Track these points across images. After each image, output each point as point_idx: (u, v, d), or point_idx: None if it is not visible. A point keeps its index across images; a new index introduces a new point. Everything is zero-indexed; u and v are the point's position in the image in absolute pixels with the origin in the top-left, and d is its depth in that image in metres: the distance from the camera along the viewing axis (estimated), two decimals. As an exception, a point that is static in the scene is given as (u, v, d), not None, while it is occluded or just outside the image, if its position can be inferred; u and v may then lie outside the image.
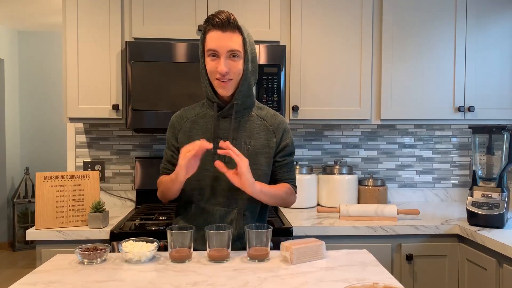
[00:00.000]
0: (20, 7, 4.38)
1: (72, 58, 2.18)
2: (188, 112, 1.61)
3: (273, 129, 1.57)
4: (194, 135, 1.55)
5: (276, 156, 1.58)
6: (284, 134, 1.58)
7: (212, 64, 1.45)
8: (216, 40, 1.42)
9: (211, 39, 1.43)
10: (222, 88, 1.47)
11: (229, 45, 1.42)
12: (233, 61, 1.45)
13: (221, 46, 1.42)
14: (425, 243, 2.03)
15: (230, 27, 1.43)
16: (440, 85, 2.35)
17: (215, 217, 1.52)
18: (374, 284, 1.04)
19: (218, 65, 1.44)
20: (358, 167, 2.68)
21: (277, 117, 1.59)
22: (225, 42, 1.42)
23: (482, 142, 2.03)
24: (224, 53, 1.43)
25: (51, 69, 5.46)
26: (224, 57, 1.43)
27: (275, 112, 1.61)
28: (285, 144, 1.59)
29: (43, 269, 1.30)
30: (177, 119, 1.61)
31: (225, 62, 1.43)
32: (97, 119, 2.22)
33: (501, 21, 2.37)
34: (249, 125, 1.55)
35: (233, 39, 1.43)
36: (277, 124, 1.58)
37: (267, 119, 1.57)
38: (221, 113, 1.52)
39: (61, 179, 1.96)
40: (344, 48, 2.31)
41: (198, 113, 1.59)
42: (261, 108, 1.60)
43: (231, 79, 1.46)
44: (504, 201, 1.92)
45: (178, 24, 2.20)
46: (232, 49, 1.43)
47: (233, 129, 1.52)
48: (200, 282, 1.18)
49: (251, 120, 1.56)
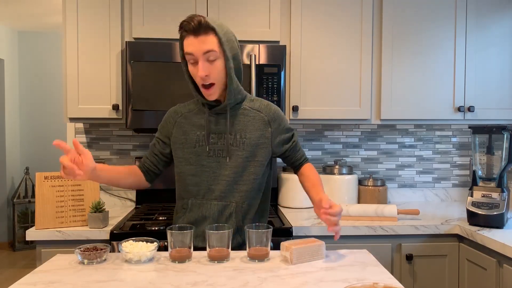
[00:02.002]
0: (20, 7, 4.38)
1: (72, 58, 2.18)
2: (183, 108, 1.63)
3: (268, 119, 1.58)
4: (189, 131, 1.57)
5: (284, 146, 1.61)
6: (280, 122, 1.60)
7: (193, 70, 1.48)
8: (191, 44, 1.44)
9: (187, 44, 1.45)
10: (207, 96, 1.50)
11: (203, 47, 1.43)
12: (211, 63, 1.45)
13: (196, 50, 1.43)
14: (425, 243, 2.03)
15: (203, 30, 1.43)
16: (440, 85, 2.35)
17: (213, 211, 1.53)
18: (374, 284, 1.04)
19: (197, 70, 1.45)
20: (358, 167, 2.68)
21: (271, 107, 1.61)
22: (199, 45, 1.43)
23: (482, 142, 2.03)
24: (201, 56, 1.44)
25: (51, 69, 5.46)
26: (202, 60, 1.44)
27: (268, 102, 1.62)
28: (286, 130, 1.62)
29: (43, 269, 1.30)
30: (172, 114, 1.63)
31: (203, 65, 1.44)
32: (97, 119, 2.22)
33: (501, 21, 2.37)
34: (242, 118, 1.56)
35: (207, 41, 1.43)
36: (272, 113, 1.59)
37: (261, 110, 1.59)
38: (214, 110, 1.54)
39: (61, 179, 1.96)
40: (344, 48, 2.31)
41: (193, 109, 1.61)
42: (253, 100, 1.61)
43: (213, 83, 1.47)
44: (504, 201, 1.92)
45: (178, 24, 2.18)
46: (207, 50, 1.43)
47: (229, 126, 1.54)
48: (200, 282, 1.18)
49: (244, 113, 1.57)
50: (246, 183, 1.55)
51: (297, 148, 1.66)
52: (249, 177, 1.55)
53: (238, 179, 1.54)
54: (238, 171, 1.53)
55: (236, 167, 1.53)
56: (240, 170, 1.53)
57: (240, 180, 1.54)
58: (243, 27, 2.23)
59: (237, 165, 1.53)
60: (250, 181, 1.55)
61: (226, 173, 1.53)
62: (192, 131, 1.57)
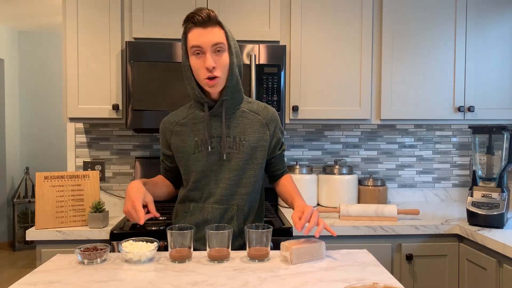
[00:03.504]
0: (20, 7, 4.38)
1: (72, 58, 2.18)
2: (175, 116, 1.59)
3: (266, 121, 1.57)
4: (187, 138, 1.54)
5: (274, 151, 1.61)
6: (276, 126, 1.60)
7: (197, 62, 1.44)
8: (199, 36, 1.41)
9: (193, 37, 1.42)
10: (210, 87, 1.46)
11: (213, 39, 1.41)
12: (218, 55, 1.43)
13: (204, 41, 1.41)
14: (425, 243, 2.03)
15: (211, 23, 1.42)
16: (440, 85, 2.35)
17: (215, 214, 1.53)
18: (374, 284, 1.04)
19: (204, 62, 1.42)
20: (358, 167, 2.68)
21: (268, 110, 1.60)
22: (208, 37, 1.41)
23: (482, 142, 2.03)
24: (209, 47, 1.41)
25: (51, 69, 5.46)
26: (209, 52, 1.42)
27: (265, 104, 1.62)
28: (279, 137, 1.61)
29: (43, 269, 1.30)
30: (167, 125, 1.60)
31: (211, 57, 1.42)
32: (97, 119, 2.22)
33: (501, 21, 2.37)
34: (241, 120, 1.54)
35: (215, 34, 1.42)
36: (269, 116, 1.58)
37: (259, 112, 1.57)
38: (211, 112, 1.51)
39: (61, 179, 1.96)
40: (344, 48, 2.31)
41: (186, 116, 1.57)
42: (251, 102, 1.59)
43: (218, 76, 1.44)
44: (504, 201, 1.92)
45: (178, 24, 2.20)
46: (216, 42, 1.42)
47: (226, 126, 1.52)
48: (200, 282, 1.18)
49: (243, 115, 1.55)
50: (247, 185, 1.54)
51: (283, 158, 1.67)
52: (250, 179, 1.54)
53: (239, 182, 1.53)
54: (239, 174, 1.53)
55: (237, 169, 1.52)
56: (240, 172, 1.53)
57: (241, 182, 1.53)
58: (243, 27, 2.23)
59: (237, 167, 1.52)
60: (250, 183, 1.54)
61: (227, 176, 1.52)
62: (189, 138, 1.54)
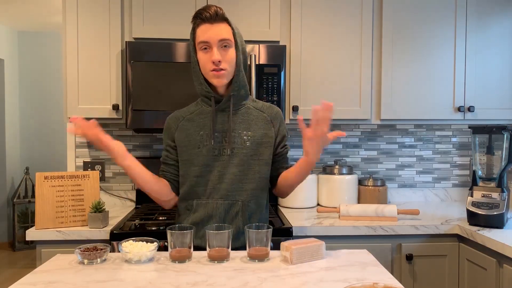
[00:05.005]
0: (20, 7, 4.38)
1: (72, 58, 2.18)
2: (182, 112, 1.63)
3: (270, 118, 1.60)
4: (192, 132, 1.57)
5: (278, 148, 1.62)
6: (281, 124, 1.63)
7: (205, 57, 1.49)
8: (207, 32, 1.47)
9: (201, 32, 1.48)
10: (216, 78, 1.50)
11: (220, 35, 1.47)
12: (224, 51, 1.49)
13: (212, 36, 1.46)
14: (425, 243, 2.03)
15: (219, 19, 1.47)
16: (440, 85, 2.35)
17: (219, 210, 1.54)
18: (374, 284, 1.04)
19: (211, 56, 1.47)
20: (358, 167, 2.68)
21: (273, 108, 1.64)
22: (215, 32, 1.46)
23: (482, 142, 2.03)
24: (216, 43, 1.47)
25: (51, 69, 5.46)
26: (216, 47, 1.47)
27: (270, 104, 1.66)
28: (283, 134, 1.63)
29: (43, 269, 1.30)
30: (172, 120, 1.63)
31: (218, 51, 1.47)
32: (97, 119, 2.21)
33: (501, 21, 2.37)
34: (246, 116, 1.58)
35: (223, 30, 1.47)
36: (274, 114, 1.62)
37: (264, 110, 1.61)
38: (218, 107, 1.55)
39: (61, 179, 1.96)
40: (344, 48, 2.31)
41: (194, 111, 1.61)
42: (256, 101, 1.64)
43: (224, 69, 1.49)
44: (504, 201, 1.92)
45: (178, 24, 2.20)
46: (223, 38, 1.47)
47: (232, 120, 1.54)
48: (200, 282, 1.18)
49: (248, 112, 1.59)
50: (252, 181, 1.55)
51: (287, 155, 1.67)
52: (254, 175, 1.56)
53: (244, 177, 1.54)
54: (243, 169, 1.54)
55: (241, 165, 1.54)
56: (245, 168, 1.54)
57: (246, 178, 1.55)
58: (243, 27, 2.23)
59: (242, 163, 1.54)
60: (255, 179, 1.56)
61: (232, 171, 1.53)
62: (195, 132, 1.57)
